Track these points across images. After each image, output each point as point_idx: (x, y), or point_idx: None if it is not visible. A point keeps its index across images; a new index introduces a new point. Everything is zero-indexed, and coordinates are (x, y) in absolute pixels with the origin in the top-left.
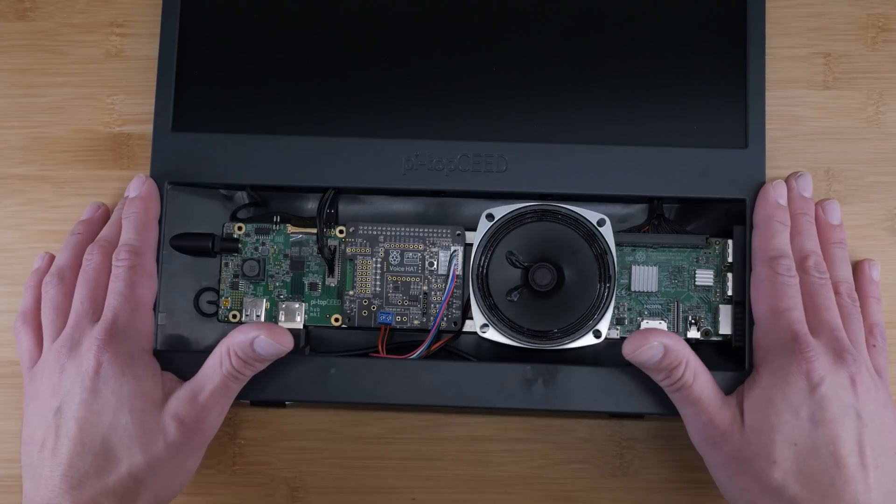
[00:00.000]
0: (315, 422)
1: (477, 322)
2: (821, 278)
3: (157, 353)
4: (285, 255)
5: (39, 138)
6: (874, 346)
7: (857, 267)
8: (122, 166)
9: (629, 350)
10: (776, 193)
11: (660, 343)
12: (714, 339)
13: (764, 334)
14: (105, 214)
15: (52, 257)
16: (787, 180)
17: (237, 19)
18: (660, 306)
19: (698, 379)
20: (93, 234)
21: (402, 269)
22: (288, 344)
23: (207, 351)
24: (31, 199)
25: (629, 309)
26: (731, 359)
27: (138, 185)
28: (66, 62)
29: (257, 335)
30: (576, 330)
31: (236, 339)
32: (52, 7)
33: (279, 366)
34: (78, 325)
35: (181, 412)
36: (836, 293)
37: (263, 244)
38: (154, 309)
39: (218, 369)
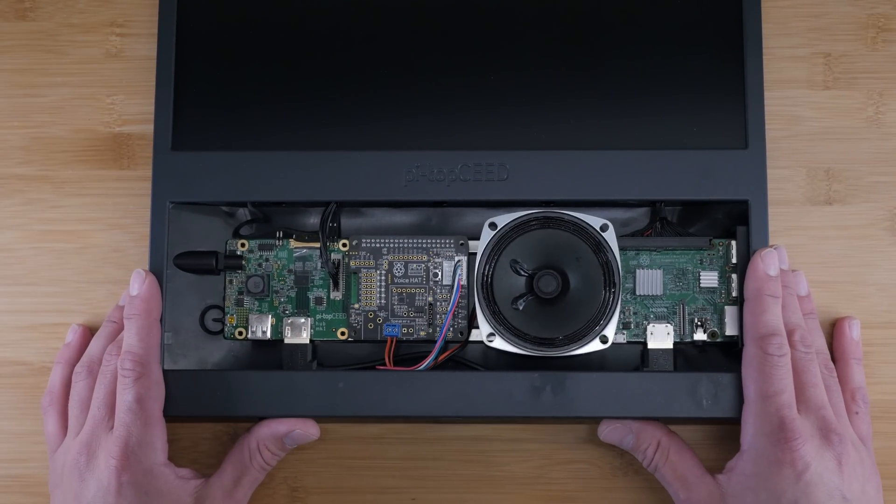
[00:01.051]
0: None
1: (483, 331)
2: (807, 353)
3: (165, 373)
4: (289, 271)
5: (39, 138)
6: (856, 412)
7: (836, 326)
8: (122, 166)
9: (602, 430)
10: (765, 265)
11: (626, 426)
12: (720, 340)
13: (752, 416)
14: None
15: (84, 333)
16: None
17: (234, 38)
18: (665, 309)
19: (671, 459)
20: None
21: (407, 280)
22: (316, 433)
23: (214, 369)
24: (31, 199)
25: (635, 313)
26: (739, 360)
27: (139, 283)
28: (66, 62)
29: (291, 429)
30: (582, 336)
31: (265, 433)
32: (52, 7)
33: (287, 382)
34: (94, 433)
35: None
36: None
37: (267, 260)
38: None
39: (249, 464)
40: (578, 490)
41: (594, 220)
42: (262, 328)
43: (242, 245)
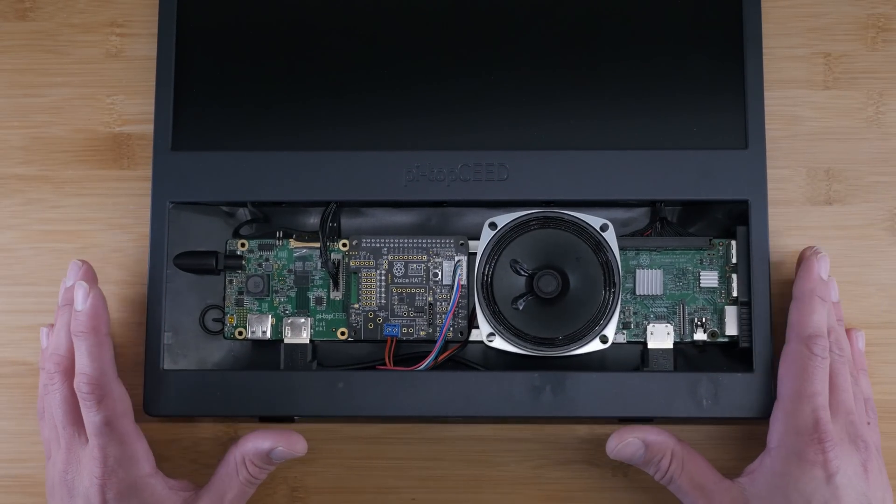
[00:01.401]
0: (315, 422)
1: (483, 331)
2: (840, 356)
3: (165, 373)
4: (289, 271)
5: (39, 138)
6: (868, 423)
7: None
8: (122, 166)
9: (611, 447)
10: (820, 267)
11: (637, 439)
12: (721, 340)
13: (785, 414)
14: (87, 273)
15: None
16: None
17: (234, 38)
18: (665, 309)
19: (687, 468)
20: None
21: (407, 280)
22: (303, 449)
23: (214, 369)
24: (31, 199)
25: (635, 313)
26: (739, 359)
27: (83, 296)
28: (66, 62)
29: (274, 446)
30: (582, 336)
31: (250, 448)
32: (52, 7)
33: (287, 382)
34: (71, 450)
35: None
36: None
37: (267, 260)
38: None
39: (235, 477)
40: (578, 490)
41: (594, 220)
42: (262, 328)
43: (242, 245)
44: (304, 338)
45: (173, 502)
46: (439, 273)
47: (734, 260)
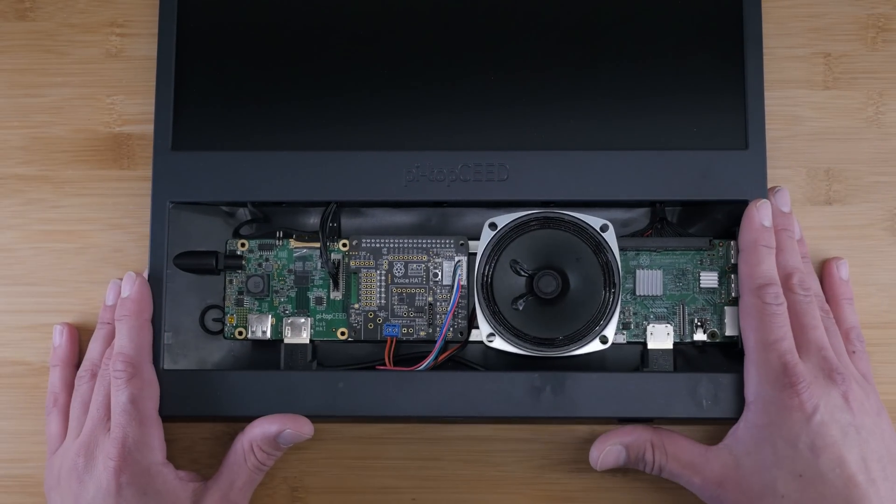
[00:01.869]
0: (315, 421)
1: (483, 331)
2: (805, 296)
3: (165, 373)
4: (289, 271)
5: (39, 138)
6: (854, 352)
7: (824, 267)
8: (122, 166)
9: (594, 459)
10: (760, 215)
11: (616, 444)
12: (721, 340)
13: (755, 367)
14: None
15: (71, 331)
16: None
17: (235, 38)
18: (665, 310)
19: (671, 453)
20: None
21: (407, 280)
22: (309, 432)
23: (214, 369)
24: (31, 199)
25: (635, 313)
26: (739, 360)
27: (130, 285)
28: (66, 62)
29: (282, 429)
30: (582, 336)
31: (257, 434)
32: (52, 7)
33: (287, 382)
34: (92, 434)
35: None
36: None
37: (267, 260)
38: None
39: (243, 465)
40: (578, 490)
41: (594, 221)
42: (262, 328)
43: (242, 245)
44: (304, 338)
45: (183, 492)
46: (439, 273)
47: (734, 260)
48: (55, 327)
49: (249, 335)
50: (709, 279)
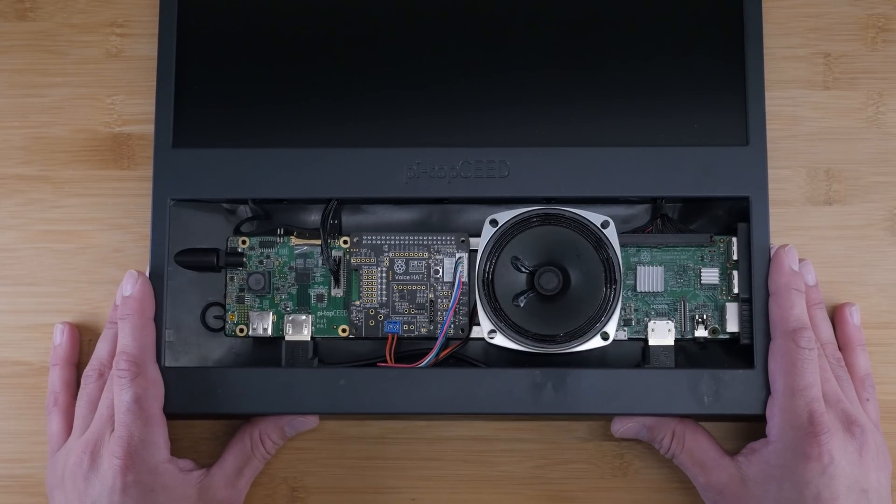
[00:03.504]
0: None
1: (484, 328)
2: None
3: (166, 371)
4: (290, 268)
5: (39, 138)
6: (867, 399)
7: (837, 313)
8: (122, 166)
9: (616, 429)
10: (789, 259)
11: (640, 425)
12: (722, 337)
13: (780, 410)
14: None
15: (72, 330)
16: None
17: (234, 35)
18: (666, 306)
19: (688, 446)
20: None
21: (408, 277)
22: (314, 421)
23: (215, 367)
24: (31, 199)
25: (636, 310)
26: (740, 356)
27: (132, 283)
28: (66, 62)
29: (291, 418)
30: (583, 333)
31: (265, 424)
32: (52, 7)
33: (288, 379)
34: (99, 432)
35: (224, 500)
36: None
37: (268, 257)
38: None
39: (251, 452)
40: (578, 490)
41: (595, 217)
42: (263, 325)
43: (243, 242)
44: (306, 335)
45: (188, 485)
46: (440, 270)
47: (735, 256)
48: (56, 326)
49: (250, 332)
50: (710, 275)
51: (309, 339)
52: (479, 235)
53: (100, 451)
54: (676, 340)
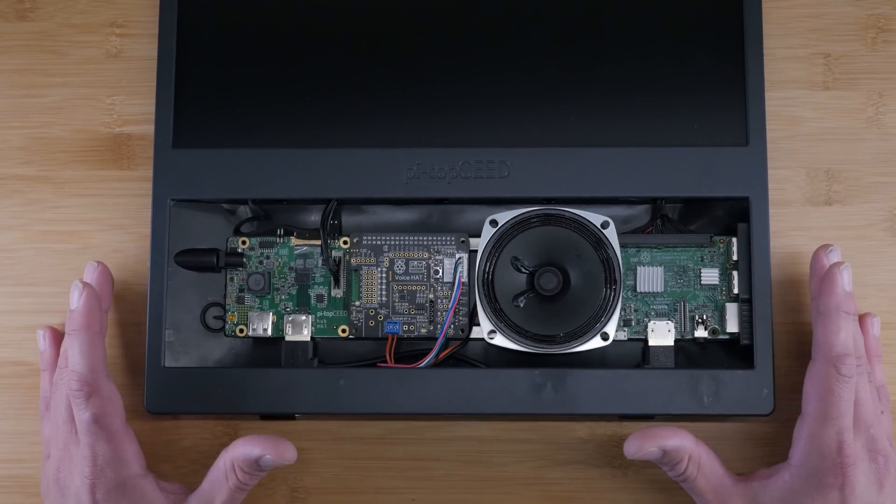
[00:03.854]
0: (315, 422)
1: (484, 328)
2: (860, 367)
3: (166, 370)
4: (290, 268)
5: (39, 138)
6: (882, 412)
7: (859, 324)
8: (122, 166)
9: (630, 453)
10: (843, 280)
11: (658, 449)
12: (721, 337)
13: (809, 435)
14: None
15: (54, 335)
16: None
17: (234, 35)
18: (666, 306)
19: (703, 471)
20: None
21: (408, 277)
22: (292, 457)
23: (215, 367)
24: (31, 199)
25: (636, 310)
26: (740, 356)
27: (76, 296)
28: (66, 62)
29: (263, 454)
30: (583, 333)
31: (239, 454)
32: (52, 7)
33: (288, 380)
34: (66, 448)
35: None
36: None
37: (268, 258)
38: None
39: (224, 483)
40: (578, 490)
41: (595, 217)
42: (263, 326)
43: (243, 242)
44: (305, 335)
45: (162, 503)
46: (440, 270)
47: (735, 257)
48: (38, 332)
49: (250, 333)
50: (710, 276)
51: (309, 339)
52: (479, 236)
53: (70, 467)
54: (676, 341)
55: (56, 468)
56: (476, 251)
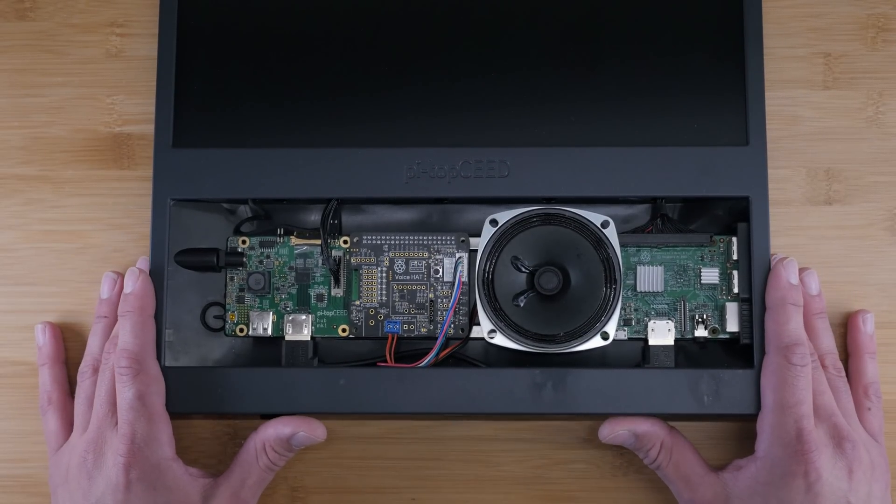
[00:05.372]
0: (316, 419)
1: (484, 328)
2: (813, 362)
3: (166, 370)
4: (290, 268)
5: (39, 138)
6: (869, 409)
7: (850, 320)
8: (122, 166)
9: (603, 435)
10: (787, 273)
11: (629, 432)
12: (722, 336)
13: (769, 426)
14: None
15: (53, 330)
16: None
17: (234, 35)
18: (666, 306)
19: (674, 459)
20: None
21: (408, 277)
22: (322, 434)
23: (215, 366)
24: (31, 199)
25: (636, 309)
26: (740, 356)
27: (133, 280)
28: (66, 62)
29: (295, 431)
30: (583, 333)
31: (271, 434)
32: (52, 7)
33: (288, 379)
34: (100, 429)
35: None
36: (823, 366)
37: (268, 257)
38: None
39: (255, 464)
40: (578, 490)
41: (595, 217)
42: (263, 325)
43: (243, 242)
44: (306, 335)
45: (193, 487)
46: (440, 270)
47: (735, 256)
48: (37, 327)
49: (250, 332)
50: (710, 275)
51: (309, 338)
52: (479, 235)
53: (102, 448)
54: (676, 340)
55: (84, 450)
56: (476, 251)
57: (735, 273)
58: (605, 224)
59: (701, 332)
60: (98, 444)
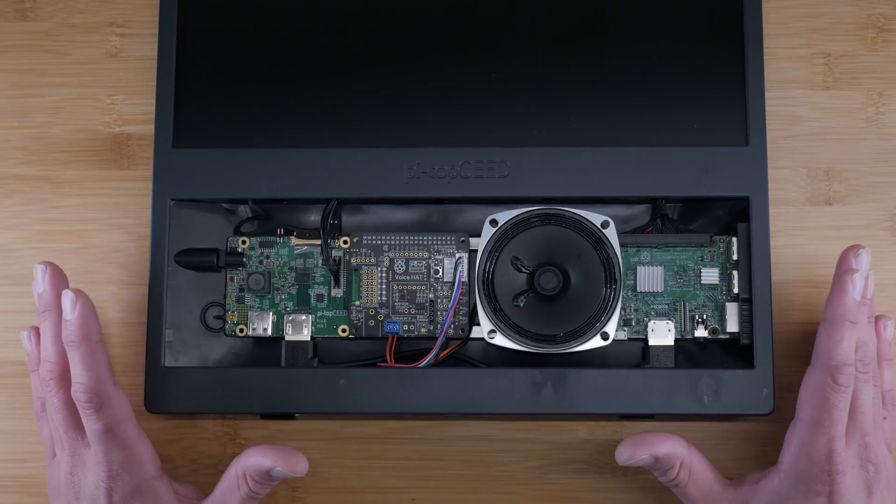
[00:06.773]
0: (315, 422)
1: (484, 328)
2: (864, 374)
3: (166, 370)
4: (290, 268)
5: (39, 138)
6: (884, 417)
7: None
8: (122, 166)
9: (622, 459)
10: (855, 289)
11: (649, 456)
12: (722, 337)
13: (800, 440)
14: (54, 276)
15: (38, 336)
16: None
17: (234, 35)
18: (666, 306)
19: (693, 477)
20: (56, 305)
21: (408, 277)
22: (303, 469)
23: (215, 367)
24: (31, 199)
25: (636, 310)
26: (740, 356)
27: (70, 306)
28: (66, 62)
29: (273, 466)
30: (583, 333)
31: (250, 464)
32: (52, 7)
33: (288, 379)
34: (73, 451)
35: None
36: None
37: (268, 257)
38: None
39: (236, 491)
40: (578, 490)
41: (595, 217)
42: (263, 325)
43: (243, 242)
44: (306, 335)
45: None
46: (440, 270)
47: (735, 257)
48: (22, 333)
49: (250, 332)
50: (710, 275)
51: (309, 339)
52: (479, 235)
53: (83, 469)
54: (676, 340)
55: (69, 471)
56: (476, 251)
57: (735, 273)
58: (604, 224)
59: (701, 332)
60: (79, 466)
